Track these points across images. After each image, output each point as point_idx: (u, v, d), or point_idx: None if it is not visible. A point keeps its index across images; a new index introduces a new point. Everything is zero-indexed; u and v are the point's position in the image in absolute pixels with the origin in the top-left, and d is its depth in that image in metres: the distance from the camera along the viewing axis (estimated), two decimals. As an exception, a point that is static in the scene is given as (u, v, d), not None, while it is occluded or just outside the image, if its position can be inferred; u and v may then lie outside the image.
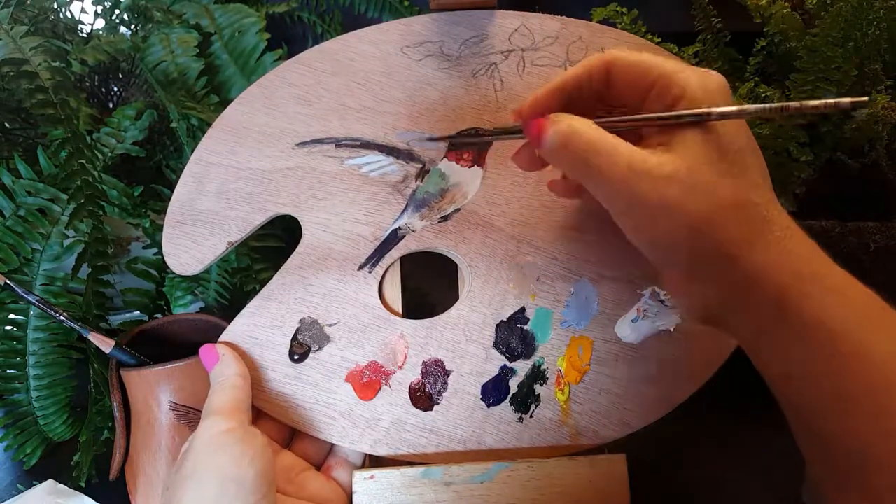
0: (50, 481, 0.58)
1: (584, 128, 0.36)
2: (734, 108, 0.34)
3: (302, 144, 0.48)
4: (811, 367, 0.33)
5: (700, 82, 0.35)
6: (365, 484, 0.46)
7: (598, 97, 0.39)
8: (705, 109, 0.34)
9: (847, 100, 0.32)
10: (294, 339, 0.47)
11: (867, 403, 0.32)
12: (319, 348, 0.47)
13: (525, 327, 0.48)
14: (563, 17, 0.49)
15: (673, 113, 0.35)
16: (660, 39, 0.60)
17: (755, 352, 0.37)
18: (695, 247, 0.35)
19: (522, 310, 0.48)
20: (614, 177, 0.35)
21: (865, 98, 0.32)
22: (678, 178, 0.34)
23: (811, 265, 0.34)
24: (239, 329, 0.48)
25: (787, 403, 0.36)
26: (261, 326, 0.48)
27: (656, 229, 0.36)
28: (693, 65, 0.49)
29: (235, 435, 0.40)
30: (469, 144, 0.48)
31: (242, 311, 0.48)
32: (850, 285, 0.34)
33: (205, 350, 0.47)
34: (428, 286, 0.56)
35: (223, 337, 0.48)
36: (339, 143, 0.48)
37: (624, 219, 0.37)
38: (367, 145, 0.48)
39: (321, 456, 0.49)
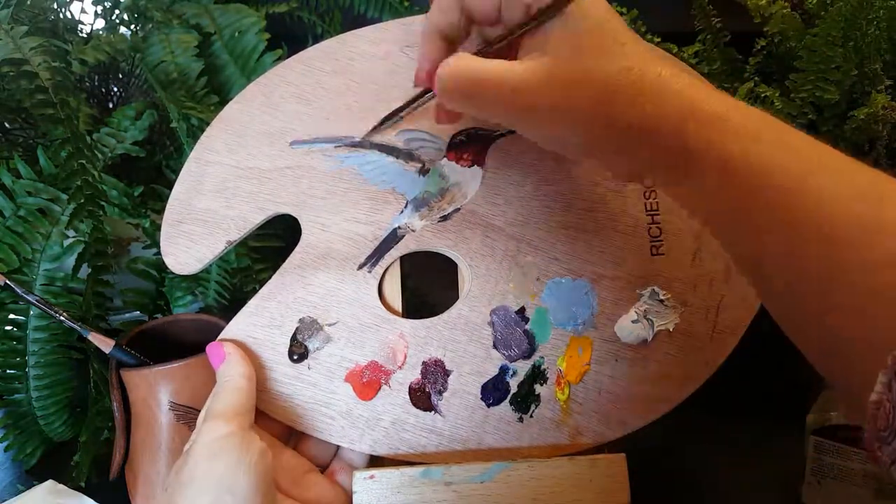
0: (50, 481, 0.58)
1: (463, 63, 0.37)
2: None
3: (296, 144, 0.48)
4: (731, 205, 0.34)
5: None
6: (365, 484, 0.46)
7: (466, 27, 0.40)
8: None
9: None
10: (293, 338, 0.47)
11: (790, 216, 0.32)
12: (319, 348, 0.47)
13: (525, 327, 0.48)
14: None
15: (519, 29, 0.36)
16: (660, 39, 0.60)
17: (691, 209, 0.37)
18: (596, 132, 0.36)
19: (522, 309, 0.48)
20: (504, 101, 0.36)
21: None
22: (554, 79, 0.35)
23: (693, 101, 0.34)
24: (238, 328, 0.48)
25: (739, 259, 0.36)
26: (260, 326, 0.47)
27: (557, 131, 0.37)
28: (693, 65, 0.50)
29: (233, 440, 0.40)
30: (392, 118, 0.48)
31: (241, 311, 0.48)
32: (736, 108, 0.34)
33: (212, 348, 0.47)
34: (428, 286, 0.56)
35: (222, 336, 0.48)
36: (337, 143, 0.48)
37: (530, 133, 0.39)
38: (366, 145, 0.48)
39: (326, 457, 0.49)
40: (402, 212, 0.48)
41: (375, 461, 0.48)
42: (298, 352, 0.47)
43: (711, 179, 0.34)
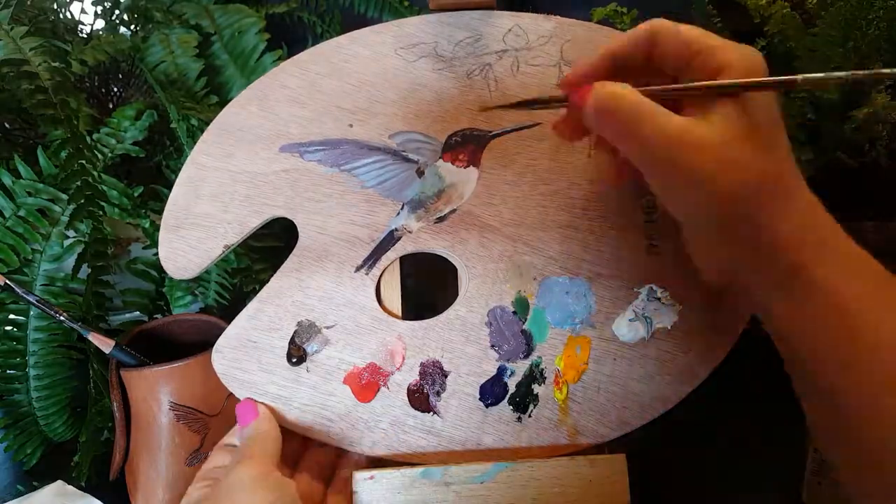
0: (59, 482, 0.59)
1: (627, 94, 0.37)
2: (774, 79, 0.35)
3: (285, 149, 0.48)
4: (820, 330, 0.36)
5: (740, 58, 0.36)
6: (364, 484, 0.46)
7: (641, 67, 0.40)
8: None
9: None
10: (292, 341, 0.47)
11: (873, 360, 0.34)
12: (317, 351, 0.47)
13: (523, 327, 0.48)
14: (557, 17, 0.49)
15: (715, 82, 0.36)
16: (659, 39, 0.60)
17: (767, 312, 0.39)
18: (724, 216, 0.36)
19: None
20: (655, 143, 0.36)
21: None
22: (714, 150, 0.35)
23: (829, 236, 0.36)
24: (236, 332, 0.48)
25: (793, 361, 0.38)
26: (258, 329, 0.48)
27: (689, 197, 0.37)
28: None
29: (270, 480, 0.41)
30: (529, 104, 0.45)
31: (240, 314, 0.48)
32: (865, 259, 0.36)
33: (243, 405, 0.47)
34: (428, 286, 0.56)
35: (221, 341, 0.47)
36: (332, 146, 0.48)
37: (658, 183, 0.39)
38: (362, 147, 0.48)
39: (330, 466, 0.49)
40: (398, 213, 0.48)
41: (375, 462, 0.48)
42: (297, 355, 0.47)
43: (816, 310, 0.36)
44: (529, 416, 0.47)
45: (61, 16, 0.70)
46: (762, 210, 0.35)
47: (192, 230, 0.47)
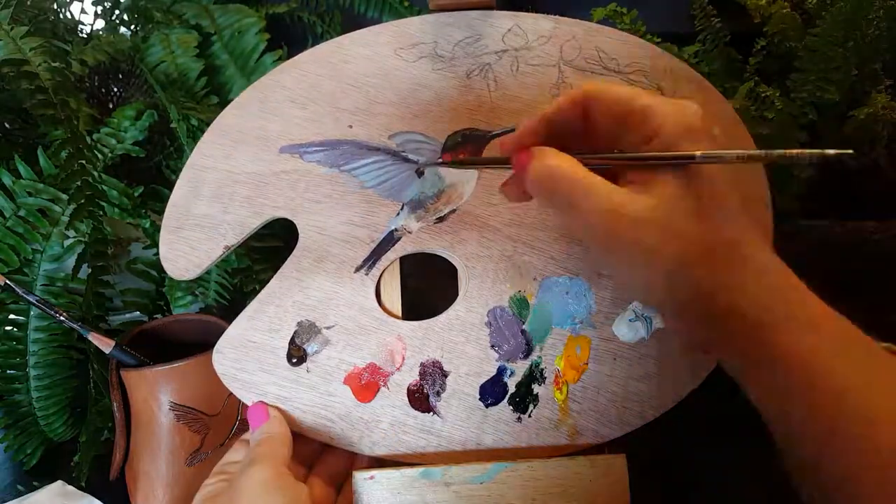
0: (59, 482, 0.59)
1: (565, 165, 0.36)
2: (715, 152, 0.34)
3: (284, 150, 0.48)
4: (793, 401, 0.34)
5: (676, 118, 0.35)
6: (365, 484, 0.46)
7: (580, 128, 0.39)
8: (687, 153, 0.34)
9: (832, 152, 0.32)
10: (292, 342, 0.47)
11: (847, 435, 0.32)
12: (317, 351, 0.47)
13: (522, 327, 0.48)
14: (556, 17, 0.49)
15: (653, 154, 0.35)
16: (659, 39, 0.60)
17: (743, 384, 0.37)
18: (672, 289, 0.35)
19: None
20: (593, 219, 0.35)
21: (850, 150, 0.31)
22: (654, 222, 0.34)
23: (787, 301, 0.34)
24: (237, 333, 0.48)
25: (776, 432, 0.36)
26: (258, 330, 0.48)
27: (634, 272, 0.37)
28: (692, 65, 0.50)
29: (285, 482, 0.41)
30: (460, 164, 0.47)
31: (240, 315, 0.48)
32: (826, 318, 0.34)
33: (254, 409, 0.47)
34: (428, 286, 0.56)
35: (221, 341, 0.47)
36: (331, 147, 0.48)
37: (602, 258, 0.39)
38: (361, 147, 0.48)
39: (343, 473, 0.49)
40: (398, 214, 0.48)
41: (375, 462, 0.48)
42: (297, 355, 0.47)
43: (784, 379, 0.34)
44: (529, 416, 0.47)
45: (61, 16, 0.70)
46: (709, 280, 0.34)
47: (193, 231, 0.47)
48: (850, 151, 0.31)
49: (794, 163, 0.32)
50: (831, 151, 0.31)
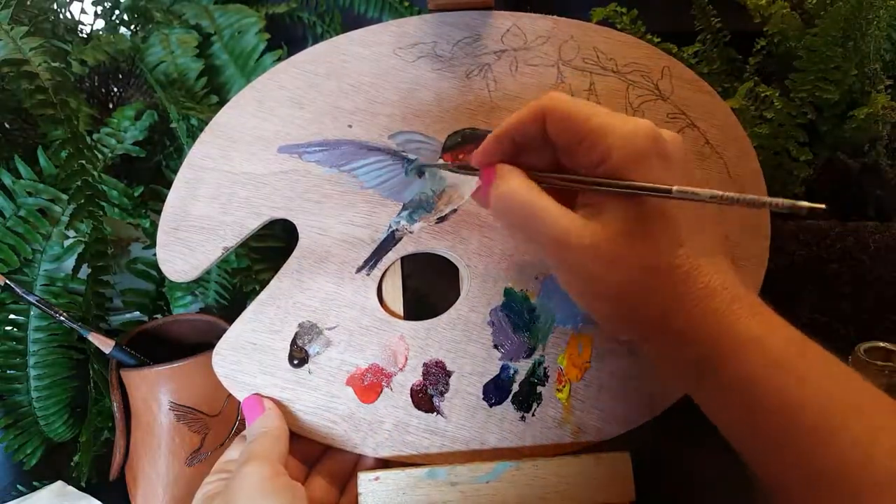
0: (59, 482, 0.58)
1: (520, 190, 0.37)
2: (690, 189, 0.33)
3: (283, 150, 0.48)
4: (741, 421, 0.35)
5: (625, 143, 0.35)
6: (370, 485, 0.45)
7: (542, 141, 0.39)
8: (663, 186, 0.34)
9: (804, 204, 0.31)
10: (293, 343, 0.47)
11: (794, 449, 0.33)
12: (319, 352, 0.47)
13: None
14: (555, 17, 0.49)
15: (629, 183, 0.35)
16: (659, 39, 0.60)
17: (697, 403, 0.38)
18: (620, 312, 0.37)
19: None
20: (545, 243, 0.37)
21: (822, 206, 0.30)
22: (598, 250, 0.35)
23: (730, 321, 0.35)
24: (237, 334, 0.47)
25: (736, 449, 0.37)
26: (259, 331, 0.47)
27: (585, 294, 0.38)
28: (692, 65, 0.50)
29: (281, 482, 0.41)
30: (451, 168, 0.47)
31: (240, 317, 0.48)
32: (769, 332, 0.35)
33: (249, 401, 0.46)
34: (430, 286, 0.56)
35: (221, 343, 0.47)
36: (327, 147, 0.48)
37: (563, 279, 0.39)
38: (361, 147, 0.48)
39: (346, 473, 0.49)
40: (399, 214, 0.48)
41: (379, 463, 0.48)
42: (299, 356, 0.47)
43: (728, 395, 0.35)
44: (533, 414, 0.47)
45: (61, 16, 0.70)
46: (653, 305, 0.35)
47: (191, 232, 0.47)
48: (822, 206, 0.30)
49: (767, 208, 0.31)
50: (804, 204, 0.30)
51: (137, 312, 0.65)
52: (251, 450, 0.43)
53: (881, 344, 0.50)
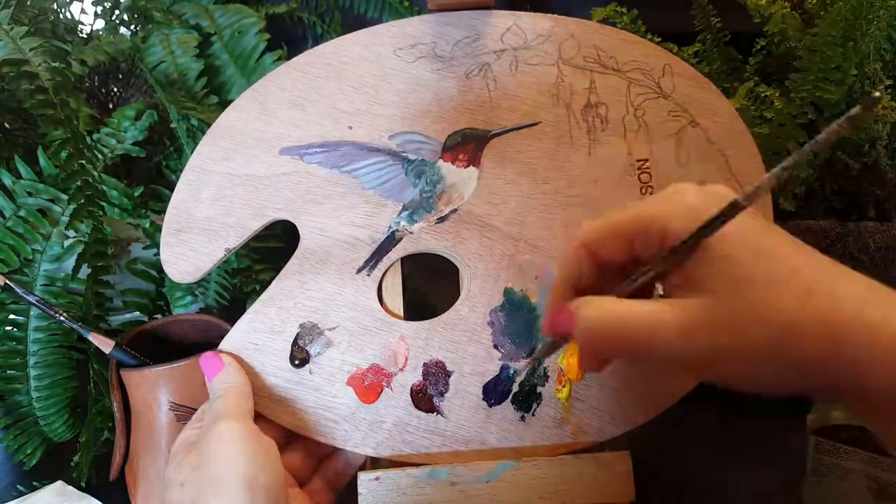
0: (59, 482, 0.58)
1: (607, 313, 0.33)
2: (753, 187, 0.30)
3: (285, 152, 0.48)
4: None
5: (675, 209, 0.33)
6: (370, 485, 0.46)
7: (596, 266, 0.36)
8: (728, 202, 0.30)
9: (857, 109, 0.27)
10: (294, 343, 0.47)
11: None
12: (320, 352, 0.47)
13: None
14: (555, 16, 0.49)
15: (695, 232, 0.31)
16: (660, 39, 0.60)
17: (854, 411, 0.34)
18: (769, 370, 0.31)
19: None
20: (658, 348, 0.32)
21: (876, 94, 0.27)
22: (719, 321, 0.31)
23: (877, 325, 0.29)
24: (239, 335, 0.48)
25: None
26: (261, 332, 0.47)
27: (721, 370, 0.33)
28: (693, 65, 0.50)
29: (256, 439, 0.40)
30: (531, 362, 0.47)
31: (242, 318, 0.48)
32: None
33: (207, 357, 0.46)
34: (430, 286, 0.56)
35: (223, 345, 0.47)
36: (328, 149, 0.48)
37: (689, 371, 0.37)
38: (362, 148, 0.48)
39: (308, 471, 0.48)
40: (399, 214, 0.48)
41: (378, 463, 0.48)
42: (300, 357, 0.47)
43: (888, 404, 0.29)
44: (533, 414, 0.47)
45: (61, 16, 0.70)
46: (813, 343, 0.30)
47: (194, 234, 0.47)
48: (877, 95, 0.27)
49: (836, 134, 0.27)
50: (856, 110, 0.27)
51: (137, 312, 0.65)
52: (218, 408, 0.43)
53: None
